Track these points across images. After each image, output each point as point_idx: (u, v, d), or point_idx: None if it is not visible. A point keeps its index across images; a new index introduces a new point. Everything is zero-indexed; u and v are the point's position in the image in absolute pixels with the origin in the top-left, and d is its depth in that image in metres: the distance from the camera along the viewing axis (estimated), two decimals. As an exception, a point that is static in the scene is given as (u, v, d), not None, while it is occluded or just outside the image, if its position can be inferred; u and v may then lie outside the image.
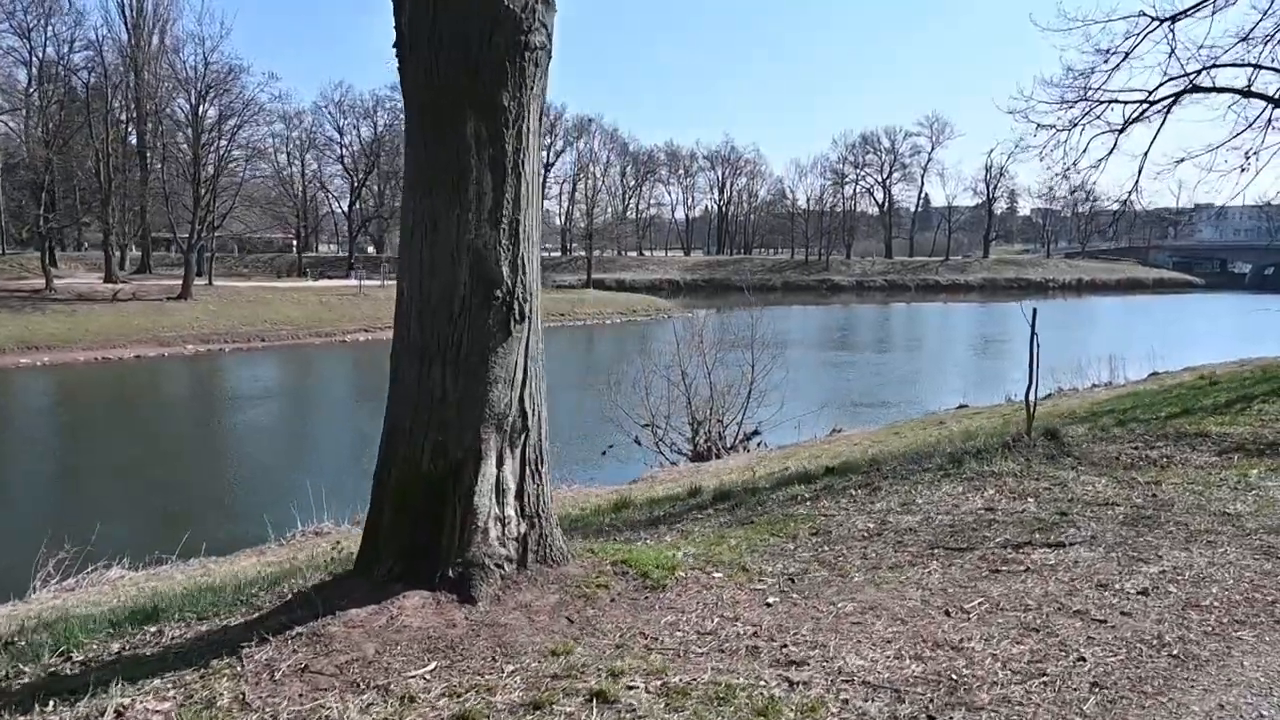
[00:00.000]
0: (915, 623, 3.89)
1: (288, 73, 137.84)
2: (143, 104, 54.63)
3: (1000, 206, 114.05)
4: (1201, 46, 11.51)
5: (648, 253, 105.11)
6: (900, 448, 9.29)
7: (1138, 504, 5.51)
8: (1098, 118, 12.34)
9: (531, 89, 3.95)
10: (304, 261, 66.65)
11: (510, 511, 4.00)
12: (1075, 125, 12.38)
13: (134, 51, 55.64)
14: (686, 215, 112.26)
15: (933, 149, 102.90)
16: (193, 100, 50.32)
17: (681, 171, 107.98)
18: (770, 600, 4.12)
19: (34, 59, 52.47)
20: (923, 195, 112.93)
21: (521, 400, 4.01)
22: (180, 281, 48.96)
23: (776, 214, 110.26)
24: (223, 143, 50.65)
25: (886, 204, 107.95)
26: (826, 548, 4.91)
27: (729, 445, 17.87)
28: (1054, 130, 12.58)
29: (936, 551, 4.69)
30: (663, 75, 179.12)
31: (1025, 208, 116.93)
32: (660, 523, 6.16)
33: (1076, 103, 12.10)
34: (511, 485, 4.01)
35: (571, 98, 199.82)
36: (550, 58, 4.09)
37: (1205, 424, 7.59)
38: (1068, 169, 13.33)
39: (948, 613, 3.98)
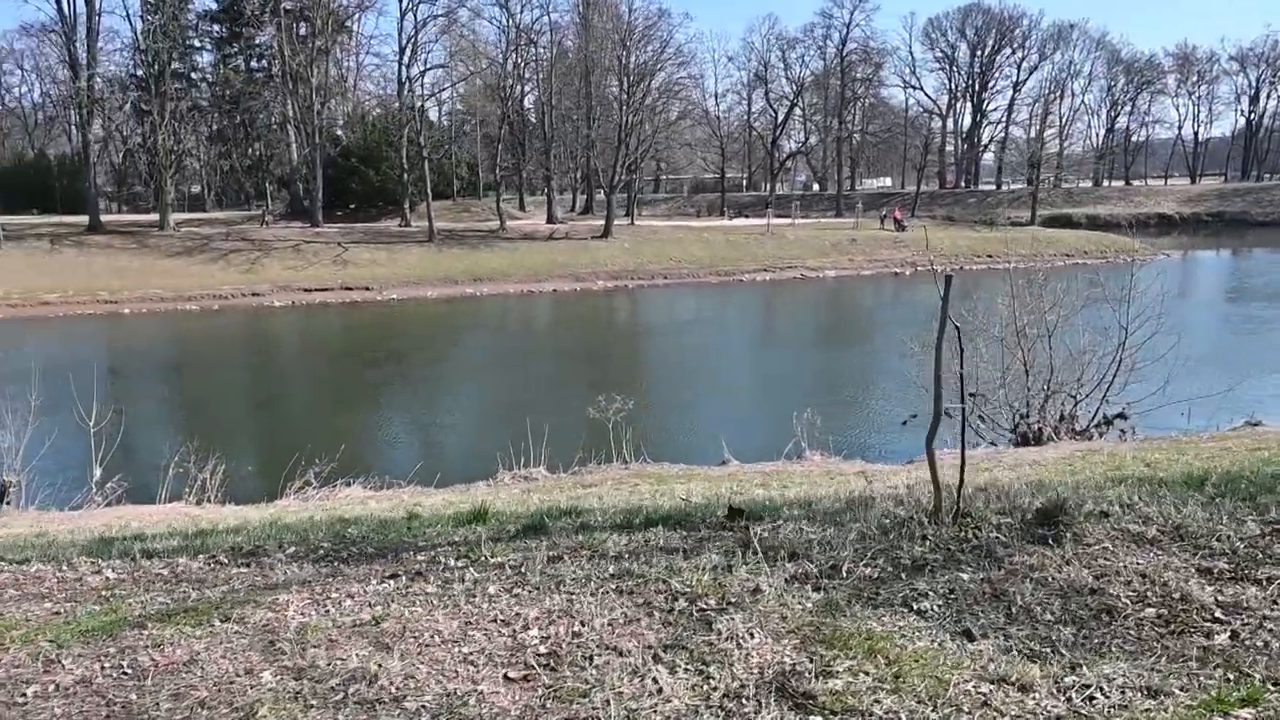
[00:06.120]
0: None
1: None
2: (588, 56, 58.95)
3: None
4: None
5: (1137, 182, 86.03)
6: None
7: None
8: None
9: None
10: (725, 201, 67.28)
11: None
12: None
13: (585, 7, 60.29)
14: (1196, 134, 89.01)
15: None
16: (621, 47, 52.73)
17: (1195, 79, 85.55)
18: None
19: (510, 25, 59.49)
20: None
21: None
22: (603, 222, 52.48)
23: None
24: (645, 86, 52.36)
25: None
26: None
27: (1081, 429, 11.82)
28: None
29: None
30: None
31: None
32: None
33: None
34: None
35: (1050, 2, 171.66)
36: None
37: None
38: None
39: None
